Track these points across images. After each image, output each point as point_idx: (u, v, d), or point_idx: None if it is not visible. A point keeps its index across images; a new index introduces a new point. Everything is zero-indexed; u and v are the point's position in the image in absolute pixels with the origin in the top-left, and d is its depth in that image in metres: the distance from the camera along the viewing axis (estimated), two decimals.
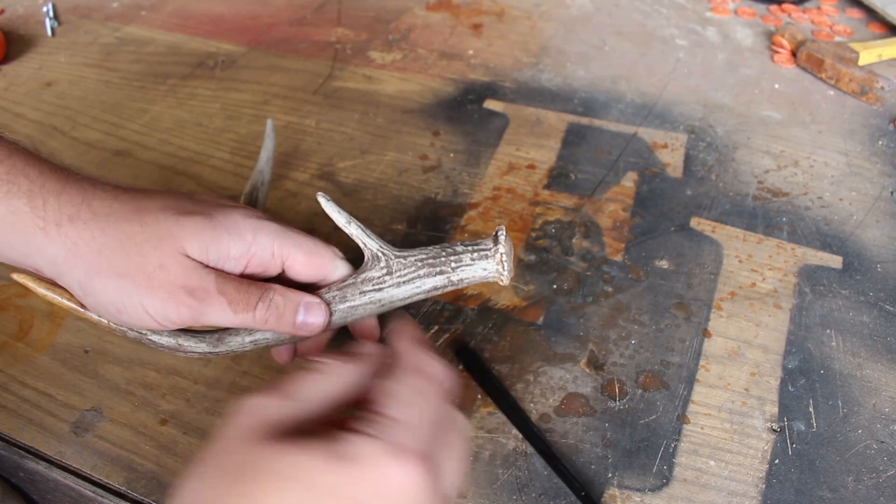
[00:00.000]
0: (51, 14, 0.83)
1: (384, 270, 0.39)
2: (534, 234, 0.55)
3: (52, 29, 0.82)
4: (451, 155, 0.63)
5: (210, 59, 0.77)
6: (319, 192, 0.38)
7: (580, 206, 0.58)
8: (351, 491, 0.24)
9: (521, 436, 0.42)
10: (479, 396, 0.44)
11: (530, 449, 0.42)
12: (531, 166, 0.62)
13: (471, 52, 0.78)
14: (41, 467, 0.41)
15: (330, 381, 0.29)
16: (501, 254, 0.38)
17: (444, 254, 0.39)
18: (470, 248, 0.39)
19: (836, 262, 0.53)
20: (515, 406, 0.43)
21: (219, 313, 0.35)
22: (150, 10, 0.86)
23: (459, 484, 0.29)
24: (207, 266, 0.35)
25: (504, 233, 0.38)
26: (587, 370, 0.46)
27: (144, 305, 0.35)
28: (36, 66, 0.76)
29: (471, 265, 0.38)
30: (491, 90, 0.71)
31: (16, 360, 0.46)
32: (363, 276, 0.39)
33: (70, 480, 0.40)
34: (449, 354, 0.47)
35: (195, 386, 0.45)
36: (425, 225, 0.56)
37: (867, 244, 0.55)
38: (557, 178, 0.61)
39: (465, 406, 0.44)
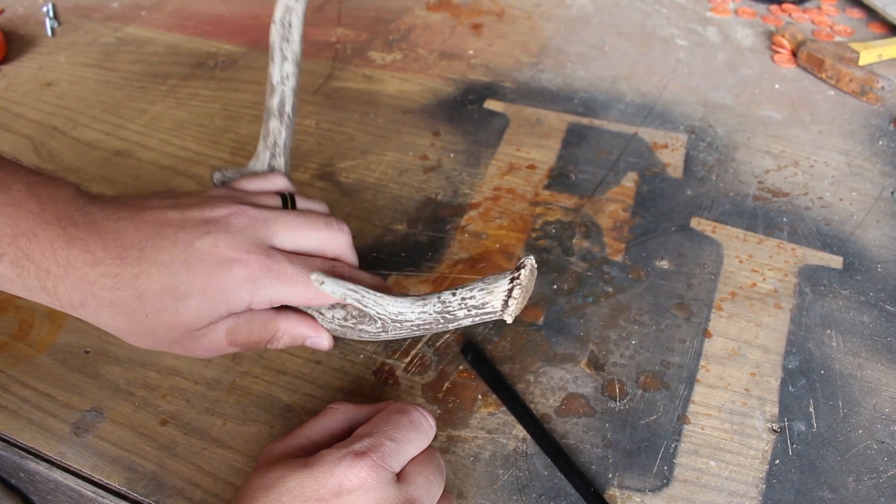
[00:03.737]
0: (51, 14, 0.83)
1: (380, 329, 0.40)
2: (534, 235, 0.55)
3: (52, 29, 0.82)
4: (452, 155, 0.63)
5: (210, 59, 0.77)
6: (312, 275, 0.37)
7: (580, 207, 0.58)
8: (311, 490, 0.31)
9: (521, 436, 0.42)
10: (480, 396, 0.44)
11: (531, 449, 0.42)
12: (531, 166, 0.62)
13: (471, 52, 0.78)
14: (41, 468, 0.41)
15: (330, 419, 0.38)
16: (506, 319, 0.35)
17: (441, 321, 0.38)
18: (473, 312, 0.36)
19: (836, 262, 0.53)
20: (521, 403, 0.43)
21: (232, 351, 0.42)
22: (150, 11, 0.86)
23: None
24: (215, 322, 0.39)
25: (519, 296, 0.35)
26: (587, 370, 0.46)
27: (166, 351, 0.42)
28: (36, 66, 0.76)
29: (471, 323, 0.37)
30: (491, 90, 0.71)
31: (16, 361, 0.46)
32: (361, 327, 0.41)
33: (70, 481, 0.40)
34: (454, 351, 0.47)
35: (195, 386, 0.45)
36: (425, 225, 0.56)
37: (867, 244, 0.55)
38: (558, 179, 0.61)
39: (464, 405, 0.44)
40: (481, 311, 0.36)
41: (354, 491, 0.32)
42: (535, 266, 0.36)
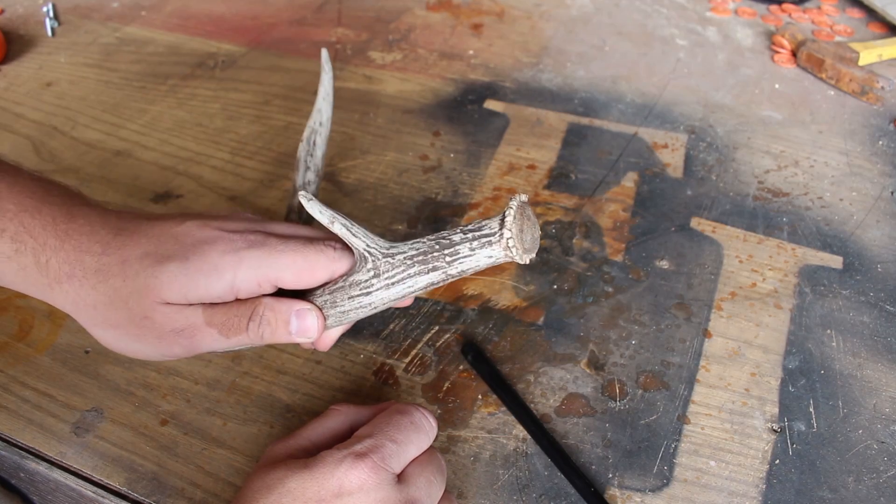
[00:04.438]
0: (51, 14, 0.83)
1: (371, 273, 0.36)
2: None
3: (52, 29, 0.82)
4: (452, 155, 0.63)
5: (210, 60, 0.77)
6: (301, 192, 0.36)
7: (580, 207, 0.58)
8: (312, 491, 0.32)
9: (521, 436, 0.42)
10: (480, 396, 0.44)
11: (531, 449, 0.42)
12: (531, 166, 0.62)
13: (471, 52, 0.78)
14: (42, 468, 0.41)
15: (332, 420, 0.38)
16: (507, 238, 0.32)
17: (437, 247, 0.34)
18: (470, 235, 0.34)
19: (836, 262, 0.53)
20: (521, 403, 0.43)
21: (213, 342, 0.37)
22: (150, 10, 0.86)
23: None
24: (191, 304, 0.36)
25: (514, 210, 0.33)
26: (588, 370, 0.46)
27: (142, 349, 0.38)
28: (36, 66, 0.76)
29: (471, 255, 0.34)
30: (491, 90, 0.71)
31: (16, 361, 0.46)
32: (351, 279, 0.37)
33: (71, 481, 0.40)
34: (454, 351, 0.47)
35: (195, 386, 0.45)
36: (426, 225, 0.56)
37: (867, 244, 0.55)
38: (558, 179, 0.61)
39: (465, 405, 0.44)
40: (478, 233, 0.34)
41: (355, 492, 0.32)
42: (526, 201, 0.34)
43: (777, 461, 0.41)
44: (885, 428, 0.43)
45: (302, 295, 0.39)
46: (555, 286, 0.51)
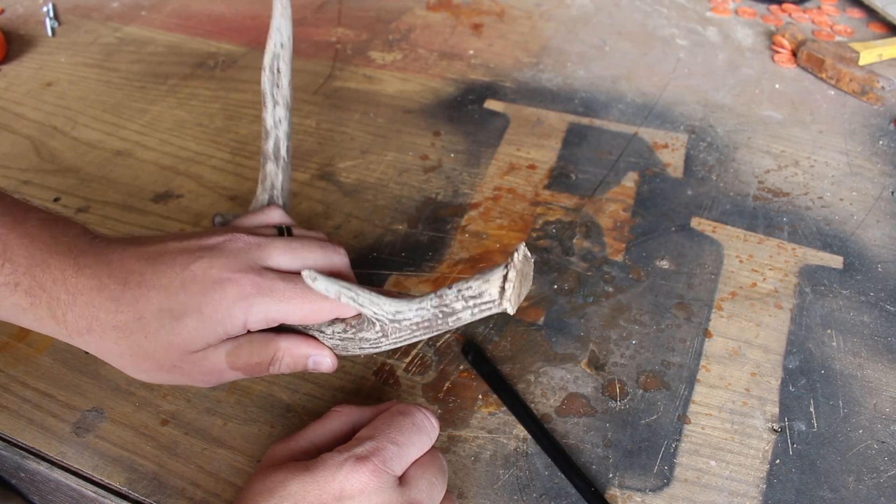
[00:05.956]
0: (51, 14, 0.83)
1: (379, 333, 0.39)
2: (534, 235, 0.55)
3: (52, 29, 0.82)
4: (452, 155, 0.63)
5: (210, 59, 0.77)
6: (305, 272, 0.36)
7: (581, 207, 0.58)
8: (313, 495, 0.32)
9: (521, 436, 0.42)
10: (480, 396, 0.44)
11: (531, 449, 0.42)
12: (532, 166, 0.62)
13: (471, 52, 0.78)
14: (42, 468, 0.41)
15: (333, 421, 0.38)
16: (507, 307, 0.34)
17: (440, 315, 0.36)
18: (471, 303, 0.35)
19: (836, 262, 0.54)
20: (522, 402, 0.43)
21: (238, 378, 0.41)
22: (150, 10, 0.86)
23: None
24: (215, 346, 0.38)
25: (514, 283, 0.34)
26: (588, 370, 0.46)
27: (176, 384, 0.41)
28: (36, 66, 0.76)
29: (471, 318, 0.36)
30: (491, 90, 0.71)
31: (17, 361, 0.46)
32: (361, 335, 0.40)
33: (71, 481, 0.40)
34: (454, 351, 0.47)
35: (196, 386, 0.45)
36: (426, 225, 0.56)
37: (868, 244, 0.55)
38: (558, 179, 0.61)
39: (465, 405, 0.44)
40: (479, 300, 0.35)
41: (356, 496, 0.32)
42: (528, 252, 0.35)
43: (777, 461, 0.41)
44: (886, 428, 0.43)
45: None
46: (555, 286, 0.51)
